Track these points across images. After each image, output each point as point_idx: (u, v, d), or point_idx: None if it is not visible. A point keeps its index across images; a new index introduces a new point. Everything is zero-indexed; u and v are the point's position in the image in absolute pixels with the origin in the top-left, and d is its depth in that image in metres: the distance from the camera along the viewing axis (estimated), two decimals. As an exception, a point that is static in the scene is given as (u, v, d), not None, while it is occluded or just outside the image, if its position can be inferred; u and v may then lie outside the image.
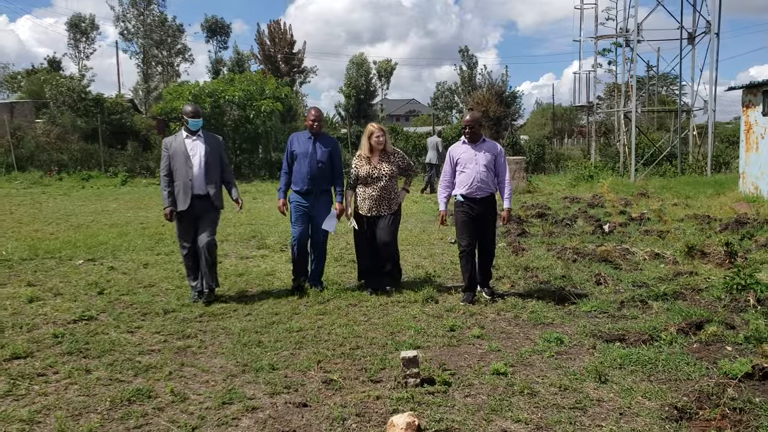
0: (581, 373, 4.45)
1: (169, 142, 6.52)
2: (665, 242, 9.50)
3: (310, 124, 6.80)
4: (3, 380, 4.33)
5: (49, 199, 17.43)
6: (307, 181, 6.68)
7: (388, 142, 6.85)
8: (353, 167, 6.83)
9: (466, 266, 6.52)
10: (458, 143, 6.66)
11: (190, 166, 6.32)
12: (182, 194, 6.33)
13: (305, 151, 6.72)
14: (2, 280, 7.30)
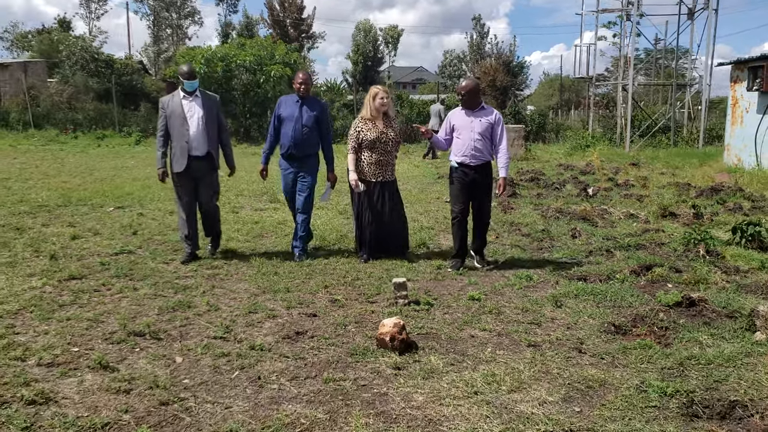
0: (542, 300, 5.38)
1: (166, 101, 6.43)
2: (642, 205, 10.38)
3: (297, 87, 6.64)
4: (66, 294, 5.29)
5: (68, 156, 18.34)
6: (291, 145, 6.60)
7: (392, 106, 6.82)
8: (357, 131, 6.66)
9: (457, 233, 6.55)
10: (458, 109, 6.62)
11: (186, 127, 6.26)
12: (179, 155, 6.29)
13: (291, 114, 6.61)
14: (45, 222, 8.25)
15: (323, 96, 28.80)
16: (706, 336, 4.54)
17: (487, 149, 6.41)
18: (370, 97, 6.68)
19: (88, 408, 3.34)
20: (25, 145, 21.51)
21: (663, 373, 3.93)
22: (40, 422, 3.18)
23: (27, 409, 3.31)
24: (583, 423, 3.29)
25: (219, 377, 3.78)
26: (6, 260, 6.28)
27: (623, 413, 3.41)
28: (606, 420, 3.33)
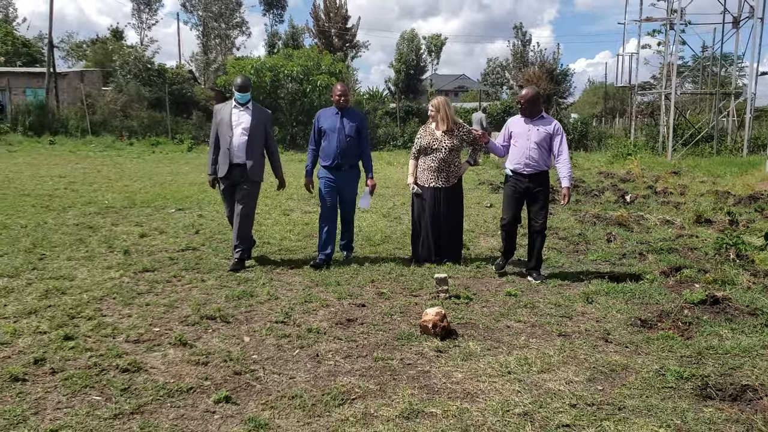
0: (574, 297, 5.79)
1: (219, 108, 6.67)
2: (678, 212, 10.63)
3: (336, 99, 6.80)
4: (142, 283, 5.91)
5: (126, 161, 19.29)
6: (336, 156, 6.74)
7: (448, 118, 6.81)
8: (417, 137, 6.96)
9: (505, 240, 6.62)
10: (517, 116, 6.63)
11: (230, 134, 6.42)
12: (222, 161, 6.49)
13: (333, 126, 6.76)
14: (114, 221, 8.96)
15: (366, 104, 29.46)
16: (726, 330, 4.89)
17: (543, 159, 6.37)
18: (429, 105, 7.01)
19: (173, 375, 3.91)
20: (84, 151, 22.58)
21: (681, 360, 4.32)
22: (134, 386, 3.75)
23: (122, 375, 3.89)
24: (604, 399, 3.71)
25: (282, 354, 4.31)
26: (84, 255, 6.96)
27: (641, 392, 3.81)
28: (625, 397, 3.74)
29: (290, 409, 3.50)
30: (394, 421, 3.38)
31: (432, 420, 3.41)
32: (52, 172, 15.30)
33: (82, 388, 3.70)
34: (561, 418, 3.45)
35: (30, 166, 16.79)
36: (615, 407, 3.61)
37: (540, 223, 6.40)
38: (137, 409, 3.45)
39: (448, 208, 6.87)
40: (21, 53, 57.91)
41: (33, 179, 13.74)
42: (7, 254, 6.87)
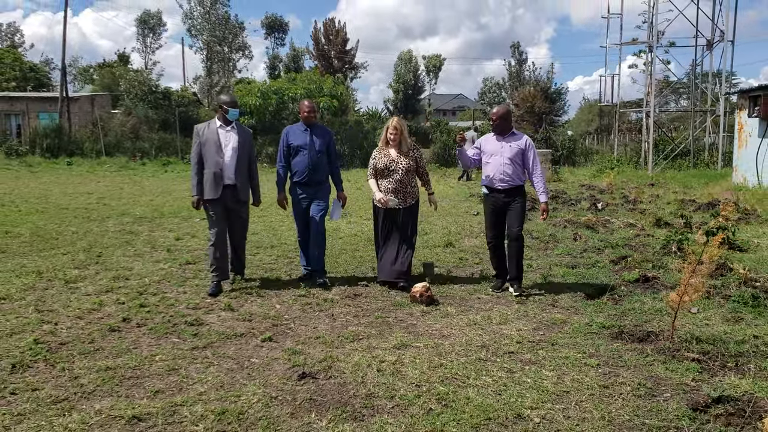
0: (535, 278, 7.21)
1: (201, 129, 6.51)
2: (643, 216, 12.06)
3: (305, 116, 6.85)
4: (188, 272, 7.32)
5: (143, 180, 20.78)
6: (308, 172, 6.79)
7: (405, 139, 6.85)
8: (372, 159, 6.95)
9: (493, 258, 6.82)
10: (489, 134, 6.81)
11: (221, 155, 6.36)
12: (212, 183, 6.36)
13: (304, 143, 6.79)
14: (151, 228, 10.39)
15: (365, 124, 30.98)
16: (649, 299, 6.31)
17: (516, 174, 6.51)
18: (385, 127, 6.93)
19: (228, 327, 5.33)
20: (100, 171, 24.06)
21: (608, 317, 5.73)
22: (201, 333, 5.17)
23: (190, 327, 5.30)
24: (543, 338, 5.12)
25: (306, 314, 5.73)
26: (134, 252, 8.39)
27: (571, 335, 5.22)
28: (558, 337, 5.15)
29: (316, 344, 4.92)
30: (389, 350, 4.79)
31: (416, 349, 4.82)
32: (78, 190, 16.77)
33: (163, 334, 5.12)
34: (508, 348, 4.87)
35: (56, 184, 18.25)
36: (549, 343, 5.02)
37: (516, 230, 6.51)
38: (207, 345, 4.87)
39: (401, 226, 6.82)
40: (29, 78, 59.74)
41: (64, 196, 15.19)
42: (70, 253, 8.30)
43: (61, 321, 5.45)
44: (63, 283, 6.73)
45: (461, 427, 3.55)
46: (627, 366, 4.54)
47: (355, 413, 3.74)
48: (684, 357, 4.67)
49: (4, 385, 4.06)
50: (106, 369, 4.36)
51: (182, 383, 4.15)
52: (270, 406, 3.81)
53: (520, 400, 3.92)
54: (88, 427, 3.52)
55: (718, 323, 5.57)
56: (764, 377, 4.27)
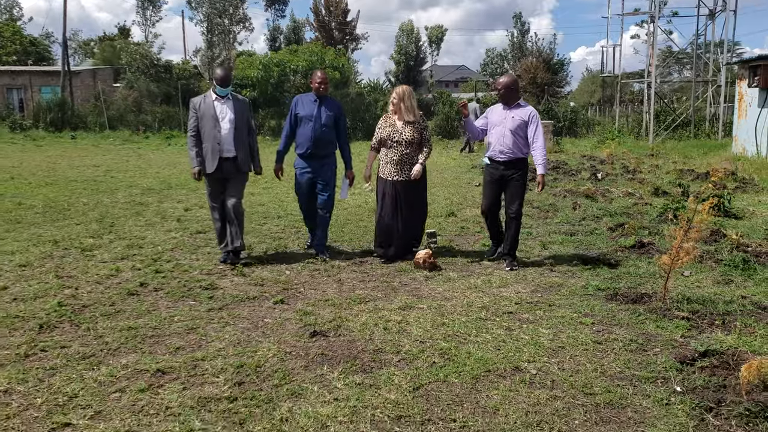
0: (534, 245, 7.46)
1: (198, 102, 6.45)
2: (642, 186, 12.27)
3: (316, 86, 6.70)
4: (199, 240, 7.57)
5: (147, 153, 20.97)
6: (310, 145, 6.63)
7: (411, 109, 6.67)
8: (377, 128, 6.83)
9: (489, 226, 6.86)
10: (497, 105, 6.70)
11: (218, 129, 6.29)
12: (210, 156, 6.33)
13: (310, 114, 6.64)
14: (160, 200, 10.63)
15: (367, 96, 31.04)
16: (644, 263, 6.56)
17: (518, 146, 6.41)
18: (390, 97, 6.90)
19: (241, 291, 5.59)
20: (104, 145, 24.24)
21: (603, 280, 5.98)
22: (216, 296, 5.43)
23: (205, 291, 5.57)
24: (540, 300, 5.38)
25: (315, 280, 5.99)
26: (145, 222, 8.64)
27: (567, 297, 5.48)
28: (555, 298, 5.41)
29: (325, 306, 5.19)
30: (394, 311, 5.05)
31: (420, 310, 5.09)
32: (85, 163, 16.98)
33: (180, 297, 5.39)
34: (507, 309, 5.13)
35: (62, 158, 18.44)
36: (546, 304, 5.28)
37: (514, 210, 6.50)
38: (223, 307, 5.14)
39: (409, 201, 6.72)
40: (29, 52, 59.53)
41: (72, 169, 15.41)
42: (83, 223, 8.55)
43: (81, 286, 5.71)
44: (79, 251, 6.99)
45: (462, 378, 3.82)
46: (620, 324, 4.80)
47: (364, 366, 4.01)
48: (674, 316, 4.93)
49: (34, 343, 4.34)
50: (129, 329, 4.64)
51: (201, 341, 4.42)
52: (285, 360, 4.08)
53: (517, 355, 4.18)
54: (116, 380, 3.79)
55: (709, 285, 5.82)
56: (749, 333, 4.53)
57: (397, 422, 3.31)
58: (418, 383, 3.75)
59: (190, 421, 3.29)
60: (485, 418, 3.35)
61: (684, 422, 3.29)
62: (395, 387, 3.70)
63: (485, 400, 3.55)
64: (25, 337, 4.47)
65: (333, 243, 7.45)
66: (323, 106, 6.71)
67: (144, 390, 3.64)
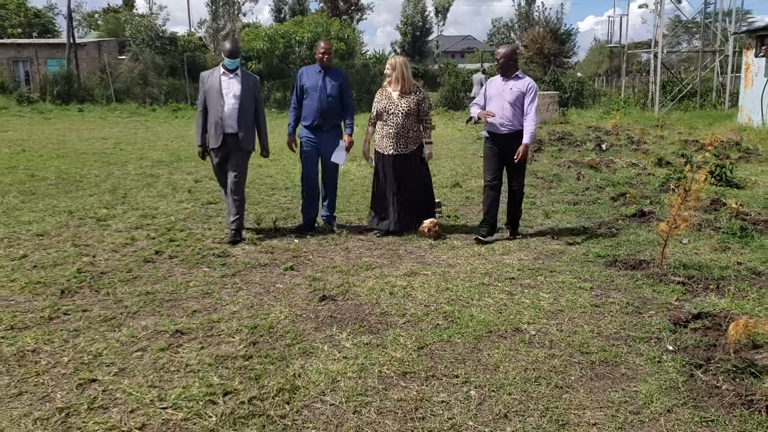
0: (537, 214, 7.62)
1: (206, 76, 6.41)
2: (646, 156, 12.37)
3: (320, 56, 6.64)
4: (210, 211, 7.77)
5: (155, 125, 21.09)
6: (317, 116, 6.60)
7: (406, 79, 6.56)
8: (374, 101, 6.75)
9: (486, 200, 6.61)
10: (496, 77, 6.65)
11: (222, 103, 6.21)
12: (214, 131, 6.28)
13: (315, 85, 6.60)
14: (170, 171, 10.82)
15: (372, 67, 30.97)
16: (644, 231, 6.72)
17: (517, 118, 6.36)
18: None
19: (252, 258, 5.80)
20: (112, 118, 24.34)
21: (604, 247, 6.15)
22: (228, 263, 5.64)
23: (218, 258, 5.78)
24: (542, 266, 5.56)
25: (323, 248, 6.19)
26: (157, 194, 8.84)
27: (568, 263, 5.66)
28: (556, 264, 5.59)
29: (333, 272, 5.39)
30: (400, 277, 5.25)
31: (424, 276, 5.28)
32: (94, 135, 17.14)
33: (194, 264, 5.60)
34: (509, 274, 5.32)
35: (70, 130, 18.59)
36: (548, 270, 5.46)
37: (517, 183, 6.53)
38: (236, 273, 5.35)
39: (412, 175, 6.66)
40: (34, 24, 59.35)
41: (81, 141, 15.58)
42: (96, 194, 8.75)
43: (99, 254, 5.93)
44: (94, 221, 7.20)
45: (465, 339, 4.02)
46: (618, 289, 4.99)
47: (371, 327, 4.21)
48: (670, 281, 5.11)
49: (57, 307, 4.55)
50: (146, 293, 4.85)
51: (216, 304, 4.63)
52: (296, 322, 4.29)
53: (518, 317, 4.38)
54: (138, 340, 4.01)
55: (707, 252, 5.99)
56: (742, 297, 4.71)
57: (402, 378, 3.51)
58: (423, 343, 3.96)
59: (209, 377, 3.51)
60: (486, 375, 3.55)
61: (674, 378, 3.49)
62: (401, 346, 3.90)
63: (486, 359, 3.75)
64: (47, 301, 4.68)
65: (339, 213, 7.62)
66: (328, 77, 6.66)
67: (164, 349, 3.86)
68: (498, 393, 3.34)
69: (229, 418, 3.10)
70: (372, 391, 3.36)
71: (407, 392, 3.35)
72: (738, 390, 3.29)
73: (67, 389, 3.39)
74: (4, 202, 8.11)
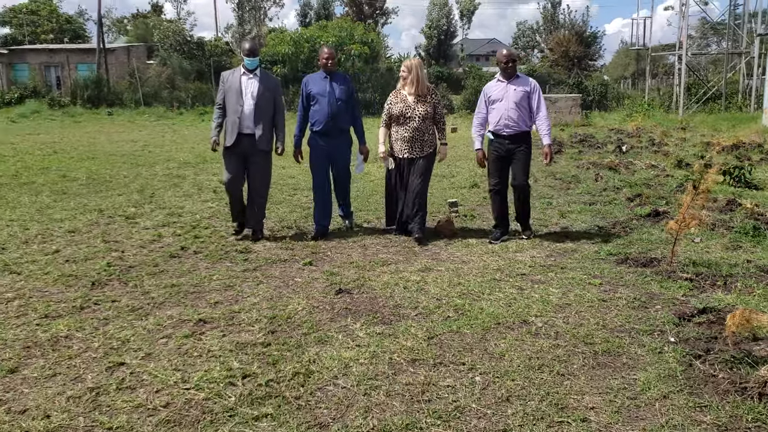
0: (553, 213, 7.75)
1: (227, 76, 6.52)
2: (666, 158, 12.39)
3: (324, 62, 6.64)
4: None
5: (181, 128, 21.53)
6: (328, 120, 6.56)
7: (422, 81, 6.53)
8: (387, 103, 6.67)
9: (494, 204, 6.67)
10: (493, 81, 6.66)
11: (240, 103, 6.28)
12: (230, 129, 6.35)
13: (323, 90, 6.58)
14: (196, 173, 11.13)
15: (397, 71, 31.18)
16: (657, 231, 6.81)
17: (522, 119, 6.38)
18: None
19: (273, 254, 6.03)
20: (140, 121, 24.89)
21: (616, 245, 6.27)
22: (250, 258, 5.88)
23: (240, 254, 6.02)
24: (554, 263, 5.71)
25: (341, 245, 6.40)
26: (183, 193, 9.13)
27: (580, 260, 5.80)
28: (568, 262, 5.73)
29: (350, 268, 5.60)
30: (414, 272, 5.44)
31: (438, 272, 5.46)
32: (123, 138, 17.60)
33: (217, 260, 5.85)
34: (521, 271, 5.48)
35: (100, 133, 19.11)
36: (559, 267, 5.60)
37: (521, 180, 6.51)
38: (256, 268, 5.58)
39: (416, 175, 6.58)
40: (65, 30, 60.65)
41: (111, 143, 16.03)
42: (125, 194, 9.07)
43: (127, 249, 6.20)
44: (123, 218, 7.50)
45: (473, 330, 4.19)
46: (626, 285, 5.12)
47: (384, 319, 4.40)
48: (678, 277, 5.23)
49: (87, 297, 4.82)
50: (172, 286, 5.10)
51: (237, 296, 4.86)
52: (313, 313, 4.50)
53: (526, 310, 4.54)
54: (163, 328, 4.25)
55: (718, 251, 6.08)
56: (748, 293, 4.81)
57: (412, 364, 3.70)
58: (433, 333, 4.14)
59: (229, 361, 3.73)
60: (491, 362, 3.72)
61: (673, 367, 3.62)
62: (412, 336, 4.09)
63: (493, 348, 3.92)
64: (79, 292, 4.95)
65: (358, 212, 7.83)
66: (334, 82, 6.63)
67: (188, 336, 4.09)
68: (502, 379, 3.51)
69: (247, 398, 3.31)
70: (382, 376, 3.55)
71: (415, 377, 3.54)
72: (733, 378, 3.42)
73: (97, 371, 3.63)
74: (37, 201, 8.46)
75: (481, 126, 6.65)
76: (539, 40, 68.76)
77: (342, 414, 3.17)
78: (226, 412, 3.19)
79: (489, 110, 6.53)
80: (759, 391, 3.24)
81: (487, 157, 6.66)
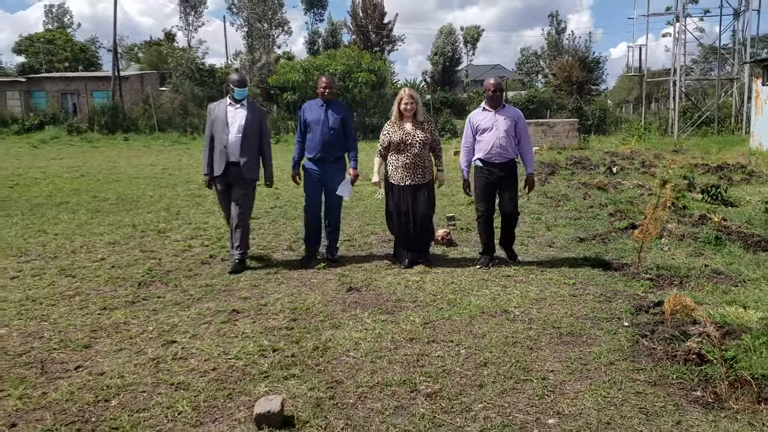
0: (541, 226, 8.61)
1: (213, 107, 6.62)
2: (653, 179, 13.24)
3: (321, 91, 6.77)
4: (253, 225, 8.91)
5: (195, 153, 22.47)
6: (320, 149, 6.69)
7: (420, 111, 6.63)
8: (383, 134, 6.70)
9: (483, 232, 6.78)
10: (478, 110, 6.73)
11: (226, 133, 6.38)
12: (218, 159, 6.45)
13: (317, 118, 6.71)
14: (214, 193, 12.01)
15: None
16: (631, 241, 7.63)
17: (511, 147, 6.52)
18: (396, 100, 6.68)
19: (290, 261, 6.89)
20: (155, 146, 25.94)
21: (593, 252, 7.12)
22: (272, 263, 6.74)
23: (262, 261, 6.88)
24: (535, 267, 6.55)
25: (350, 253, 7.28)
26: (206, 211, 10.04)
27: (559, 265, 6.64)
28: (548, 266, 6.57)
29: (359, 271, 6.48)
30: (414, 274, 6.31)
31: (435, 274, 6.33)
32: (142, 162, 18.60)
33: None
34: (506, 273, 6.35)
35: (120, 158, 20.12)
36: (540, 270, 6.45)
37: (510, 209, 6.71)
38: (277, 271, 6.47)
39: (420, 202, 6.65)
40: (79, 58, 62.32)
41: (131, 167, 17.01)
42: (153, 212, 9.98)
43: (163, 257, 7.09)
44: (155, 232, 8.40)
45: (462, 317, 5.04)
46: (596, 284, 5.96)
47: (387, 310, 5.26)
48: (642, 278, 6.07)
49: (137, 294, 5.70)
50: (206, 285, 5.98)
51: (263, 293, 5.73)
52: (327, 305, 5.37)
53: (507, 303, 5.39)
54: (204, 316, 5.12)
55: (682, 257, 6.92)
56: (699, 290, 5.64)
57: (409, 342, 4.55)
58: (428, 320, 4.99)
59: (261, 340, 4.58)
60: (475, 340, 4.56)
61: (622, 343, 4.46)
62: (410, 322, 4.94)
63: (476, 330, 4.77)
64: (128, 291, 5.83)
65: (366, 226, 8.70)
66: (330, 110, 6.75)
67: (225, 322, 4.96)
68: (482, 351, 4.36)
69: (278, 365, 4.16)
70: (385, 350, 4.40)
71: (412, 350, 4.39)
72: (667, 349, 4.26)
73: (155, 347, 4.50)
74: (75, 218, 9.38)
75: (467, 154, 6.76)
76: (543, 66, 70.03)
77: (353, 375, 4.02)
78: (261, 374, 4.04)
79: (477, 139, 6.63)
80: (684, 358, 4.08)
81: (476, 185, 6.77)
